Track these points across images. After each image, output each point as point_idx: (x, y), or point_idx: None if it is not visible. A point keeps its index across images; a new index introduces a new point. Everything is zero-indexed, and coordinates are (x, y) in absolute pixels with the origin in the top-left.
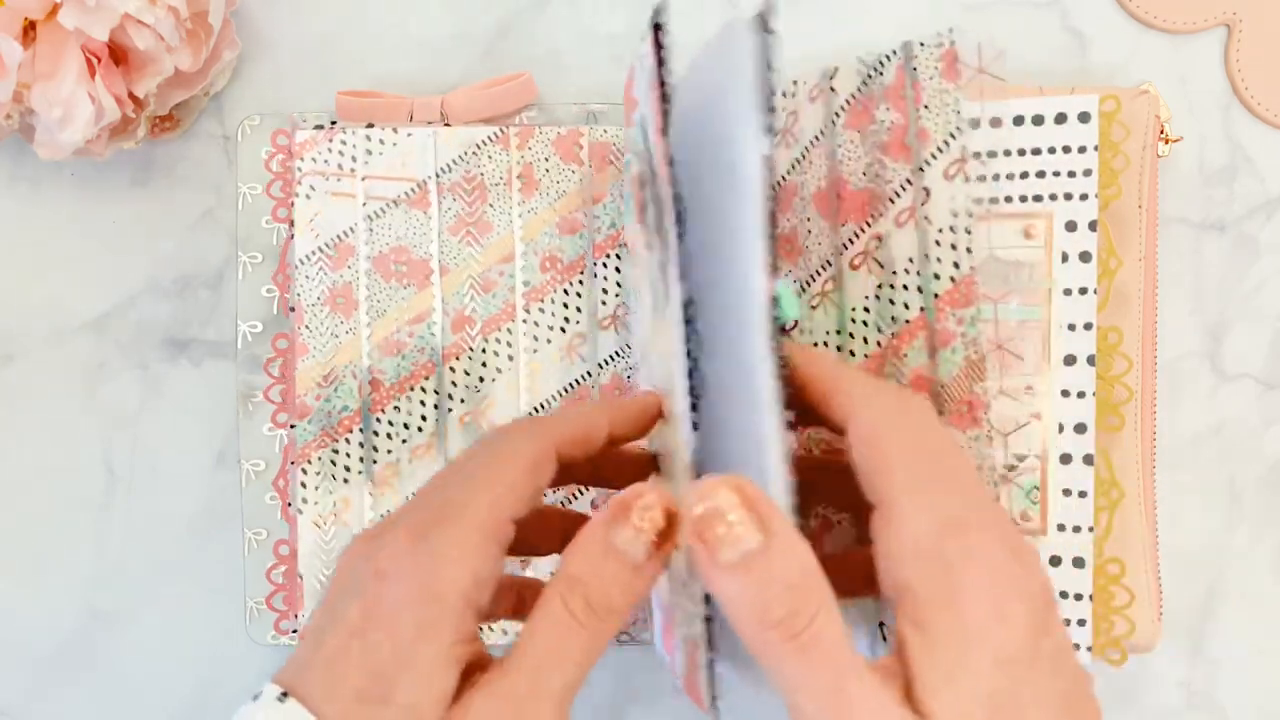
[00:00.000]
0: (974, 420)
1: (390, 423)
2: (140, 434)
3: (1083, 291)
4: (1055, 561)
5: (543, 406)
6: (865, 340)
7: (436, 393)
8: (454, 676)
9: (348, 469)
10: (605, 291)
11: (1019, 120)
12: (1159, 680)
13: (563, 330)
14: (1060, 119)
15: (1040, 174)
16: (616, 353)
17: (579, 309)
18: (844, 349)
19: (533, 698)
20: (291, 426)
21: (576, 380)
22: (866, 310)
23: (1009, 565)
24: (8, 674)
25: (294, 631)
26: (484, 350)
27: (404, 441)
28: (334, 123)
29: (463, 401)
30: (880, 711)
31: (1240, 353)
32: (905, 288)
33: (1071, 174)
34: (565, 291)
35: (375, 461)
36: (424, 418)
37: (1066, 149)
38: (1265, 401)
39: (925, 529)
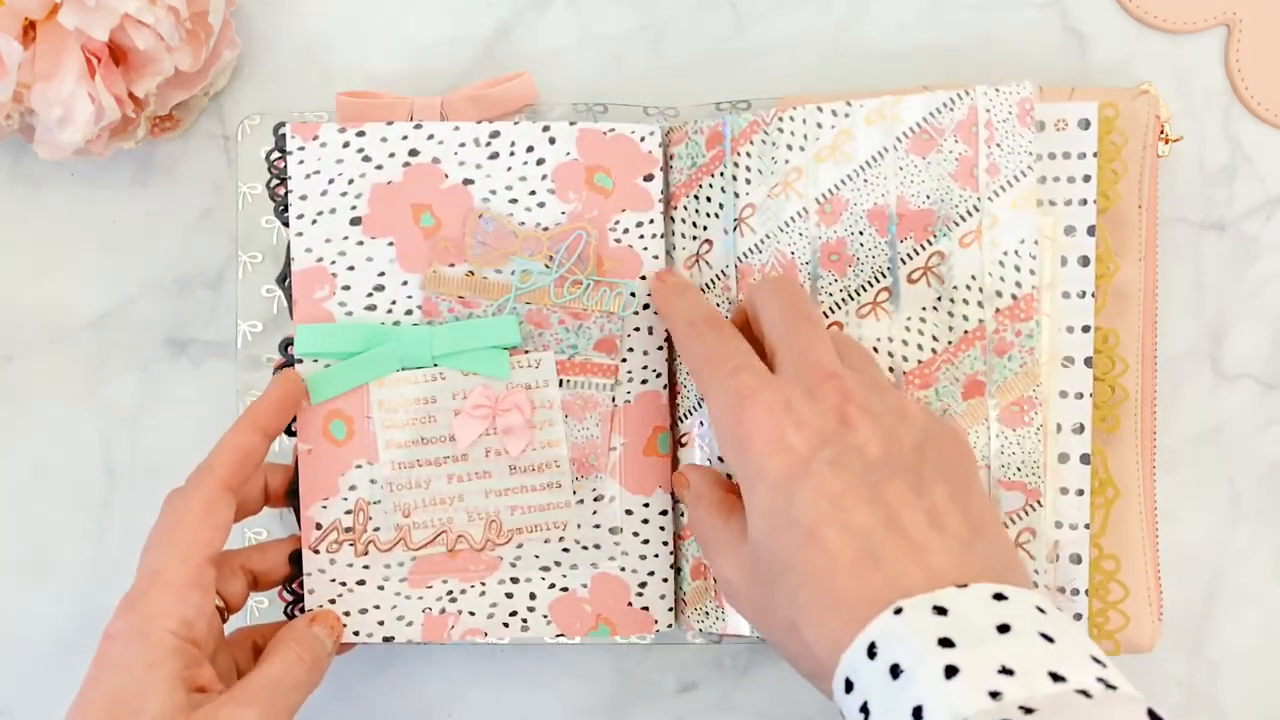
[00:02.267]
0: (1025, 420)
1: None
2: (140, 434)
3: (1081, 295)
4: (1053, 558)
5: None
6: (920, 347)
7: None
8: (186, 693)
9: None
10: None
11: None
12: (1159, 680)
13: None
14: (1060, 126)
15: (1040, 179)
16: None
17: None
18: (895, 354)
19: (270, 702)
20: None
21: None
22: (923, 320)
23: (790, 402)
24: (8, 674)
25: None
26: None
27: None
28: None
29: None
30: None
31: (1240, 353)
32: (965, 302)
33: (1071, 180)
34: None
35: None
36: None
37: (1066, 155)
38: (1265, 401)
39: (718, 408)
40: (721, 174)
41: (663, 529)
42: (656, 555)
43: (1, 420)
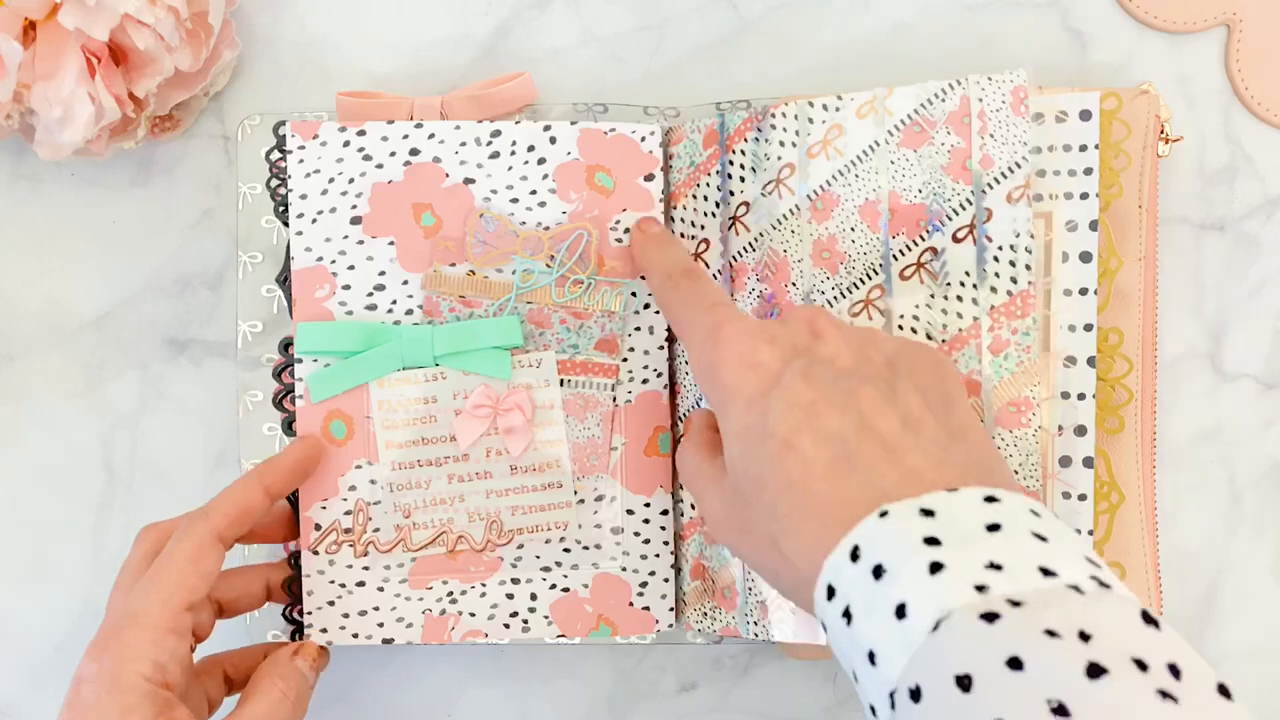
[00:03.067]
0: (1022, 420)
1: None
2: (140, 434)
3: (1083, 292)
4: None
5: None
6: None
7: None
8: None
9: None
10: None
11: None
12: None
13: None
14: (1061, 117)
15: (1040, 173)
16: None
17: None
18: None
19: None
20: (288, 426)
21: None
22: (916, 318)
23: (763, 325)
24: (8, 674)
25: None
26: None
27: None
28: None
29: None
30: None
31: (1240, 353)
32: (960, 299)
33: (1072, 173)
34: None
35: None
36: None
37: (1067, 147)
38: (1265, 401)
39: (696, 345)
40: (717, 172)
41: (664, 529)
42: (658, 555)
43: (1, 420)
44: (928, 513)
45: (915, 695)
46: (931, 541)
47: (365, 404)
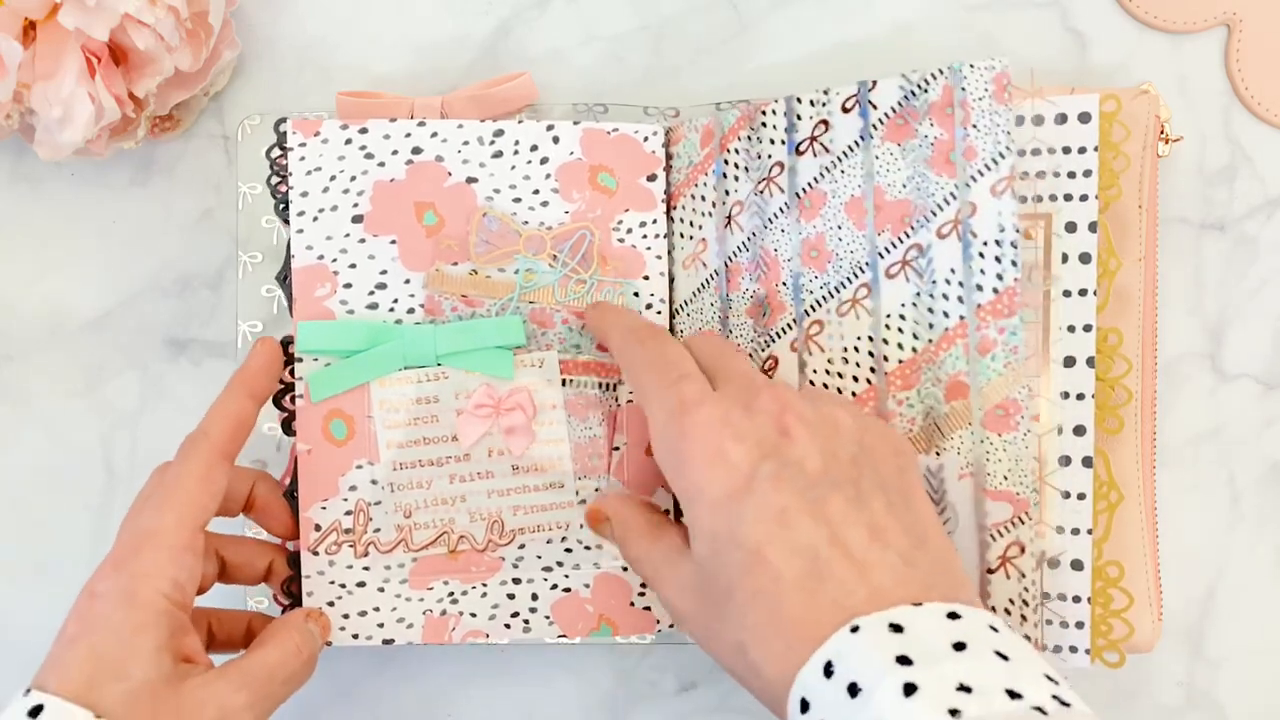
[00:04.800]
0: (1011, 424)
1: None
2: (140, 434)
3: (1082, 293)
4: (1054, 564)
5: None
6: (900, 346)
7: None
8: (173, 662)
9: None
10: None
11: (1019, 120)
12: (1159, 680)
13: None
14: (1060, 119)
15: (1040, 174)
16: None
17: None
18: (877, 354)
19: (264, 690)
20: (286, 427)
21: None
22: (903, 318)
23: (730, 416)
24: (7, 674)
25: None
26: None
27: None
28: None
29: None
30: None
31: (1240, 353)
32: (945, 297)
33: (1071, 174)
34: None
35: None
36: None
37: (1066, 149)
38: (1265, 401)
39: (659, 419)
40: (713, 172)
41: None
42: None
43: (1, 420)
44: (896, 628)
45: None
46: (903, 660)
47: (366, 403)
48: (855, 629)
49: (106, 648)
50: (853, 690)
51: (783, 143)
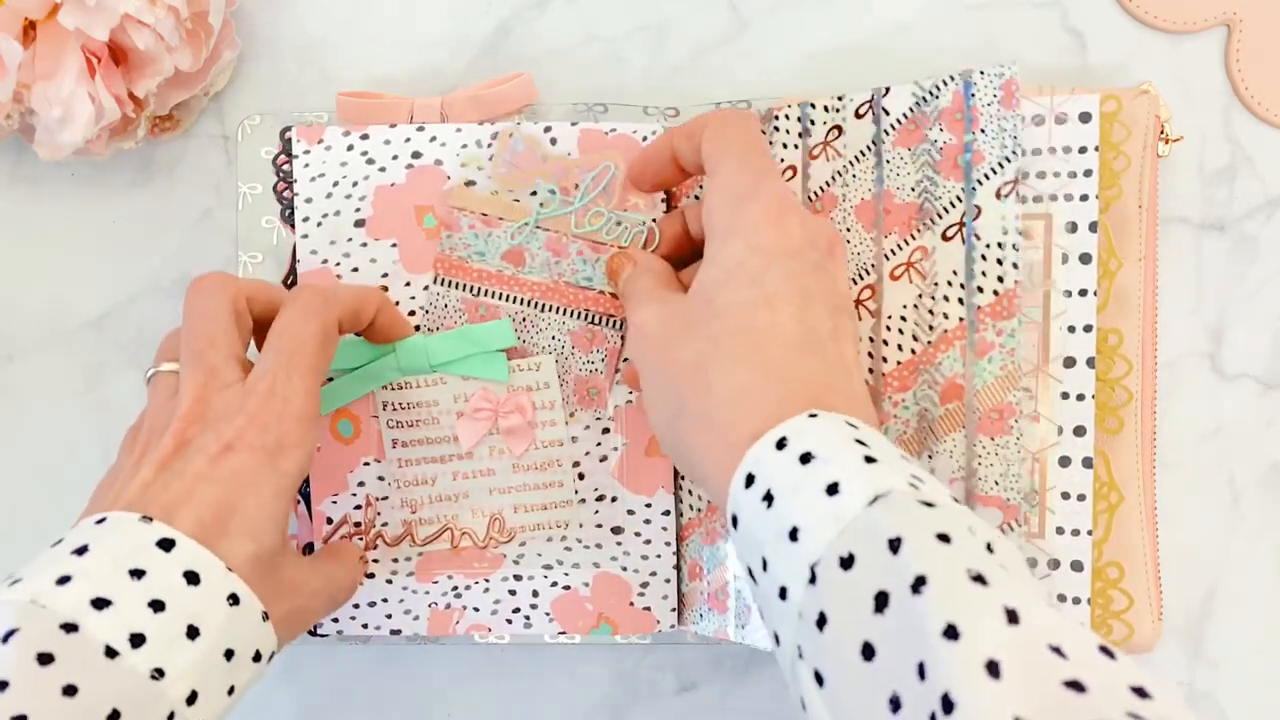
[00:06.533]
0: (1005, 428)
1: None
2: None
3: (1082, 293)
4: (1054, 565)
5: None
6: (900, 347)
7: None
8: (284, 537)
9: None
10: None
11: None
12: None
13: None
14: (1061, 119)
15: (1040, 174)
16: None
17: None
18: (876, 355)
19: (333, 597)
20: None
21: None
22: (904, 319)
23: (799, 204)
24: None
25: None
26: None
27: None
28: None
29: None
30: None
31: (1240, 353)
32: (947, 299)
33: (1072, 174)
34: None
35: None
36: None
37: (1067, 149)
38: (1265, 401)
39: (733, 171)
40: None
41: (665, 529)
42: (659, 555)
43: (1, 420)
44: (852, 425)
45: (846, 563)
46: (861, 443)
47: (371, 404)
48: (814, 415)
49: (246, 505)
50: (805, 458)
51: (795, 148)
